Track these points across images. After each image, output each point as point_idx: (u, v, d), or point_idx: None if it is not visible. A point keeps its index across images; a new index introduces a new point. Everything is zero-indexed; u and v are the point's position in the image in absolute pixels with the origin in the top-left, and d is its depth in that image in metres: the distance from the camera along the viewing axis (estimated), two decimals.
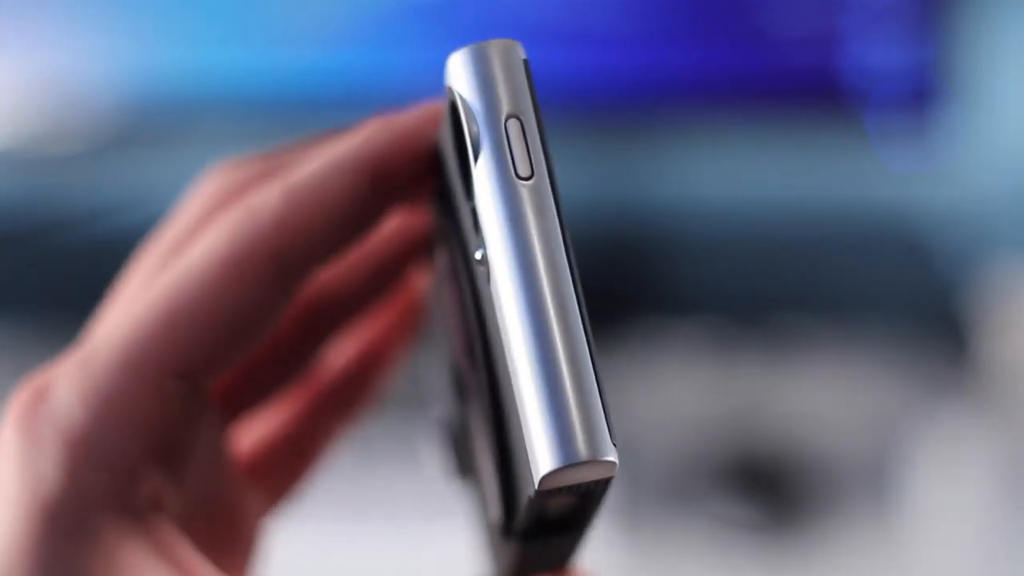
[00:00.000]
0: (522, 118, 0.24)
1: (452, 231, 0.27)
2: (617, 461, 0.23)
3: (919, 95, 0.88)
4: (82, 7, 0.89)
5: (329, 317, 0.32)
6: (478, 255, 0.24)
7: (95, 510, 0.26)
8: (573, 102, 0.88)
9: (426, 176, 0.28)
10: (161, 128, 0.90)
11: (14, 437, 0.26)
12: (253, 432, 0.33)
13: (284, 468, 0.33)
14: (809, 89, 0.89)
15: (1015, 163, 0.94)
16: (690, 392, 0.82)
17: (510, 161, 0.24)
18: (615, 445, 0.23)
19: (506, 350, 0.23)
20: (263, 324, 0.27)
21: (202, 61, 0.89)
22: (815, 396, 0.81)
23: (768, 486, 0.80)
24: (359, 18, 0.87)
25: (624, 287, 0.90)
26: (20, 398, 0.27)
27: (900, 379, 0.81)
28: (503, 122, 0.24)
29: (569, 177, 0.35)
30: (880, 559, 0.78)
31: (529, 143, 0.24)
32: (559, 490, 0.23)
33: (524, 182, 0.24)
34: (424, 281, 0.34)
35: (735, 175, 0.96)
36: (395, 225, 0.31)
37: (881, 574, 0.78)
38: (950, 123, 0.89)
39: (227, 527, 0.30)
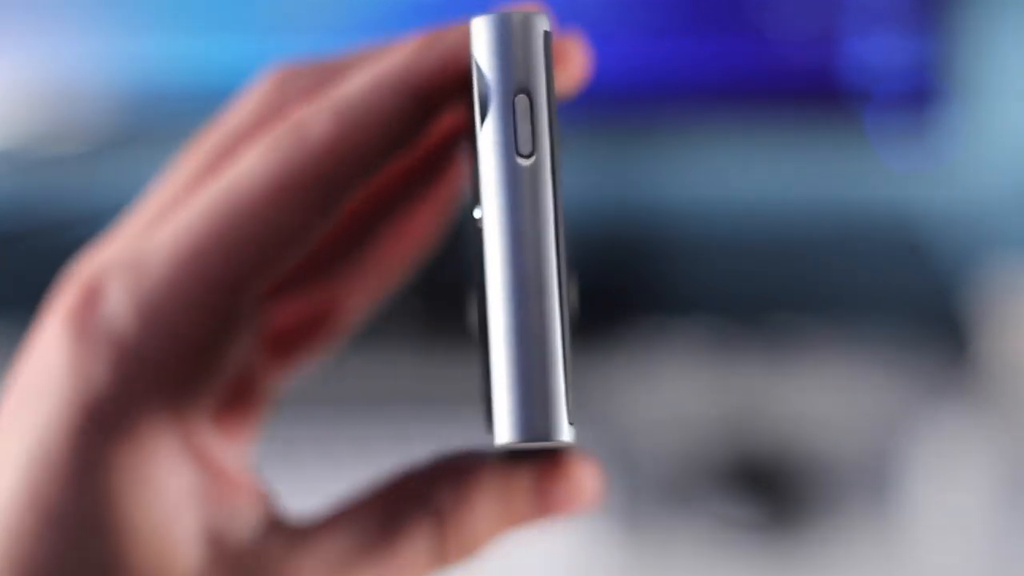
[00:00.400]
0: (532, 94, 0.24)
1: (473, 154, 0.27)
2: (572, 439, 0.24)
3: (919, 95, 0.88)
4: (82, 7, 0.89)
5: (375, 211, 0.32)
6: (476, 214, 0.25)
7: (138, 416, 0.27)
8: (572, 102, 0.88)
9: (467, 90, 0.28)
10: (161, 127, 0.90)
11: (64, 335, 0.27)
12: (285, 306, 0.34)
13: (307, 340, 0.34)
14: (809, 89, 0.89)
15: (1015, 163, 0.94)
16: (690, 392, 0.82)
17: (513, 137, 0.24)
18: (572, 424, 0.24)
19: (489, 313, 0.24)
20: (309, 239, 0.28)
21: (203, 59, 0.89)
22: (815, 396, 0.81)
23: (768, 486, 0.80)
24: (361, 11, 0.87)
25: (624, 287, 0.90)
26: (70, 296, 0.27)
27: (900, 379, 0.81)
28: (512, 96, 0.24)
29: (569, 177, 0.35)
30: (880, 559, 0.78)
31: (535, 120, 0.24)
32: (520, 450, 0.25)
33: (524, 160, 0.24)
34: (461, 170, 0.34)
35: (735, 175, 0.96)
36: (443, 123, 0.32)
37: (881, 574, 0.78)
38: (950, 123, 0.89)
39: (247, 401, 0.31)
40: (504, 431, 0.24)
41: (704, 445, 0.81)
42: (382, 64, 0.28)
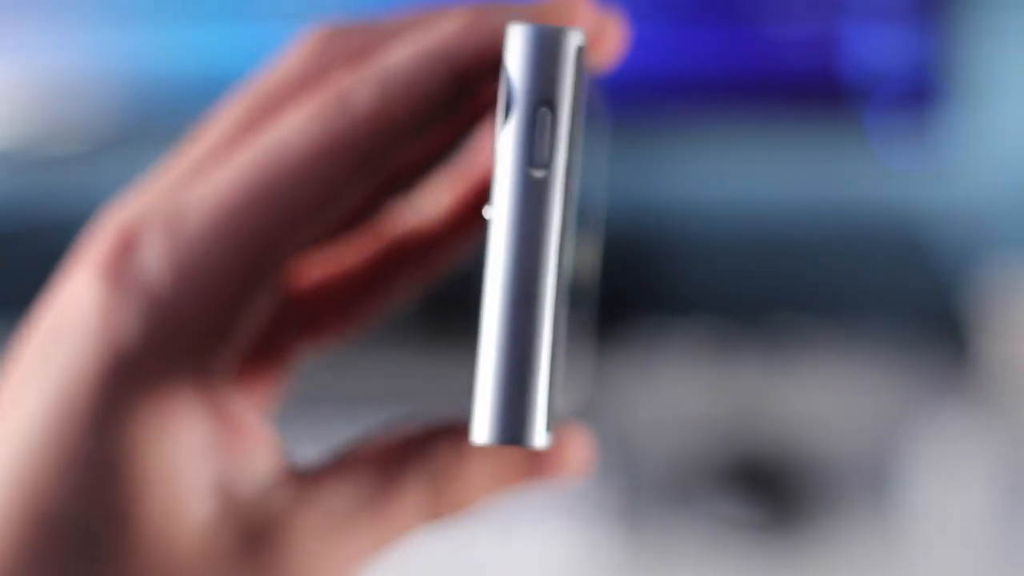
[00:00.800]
0: (555, 109, 0.25)
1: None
2: (547, 444, 0.24)
3: (919, 95, 0.88)
4: (81, 6, 0.89)
5: (403, 173, 0.32)
6: (486, 213, 0.25)
7: (163, 369, 0.27)
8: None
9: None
10: (161, 126, 0.90)
11: (98, 281, 0.27)
12: (315, 266, 0.34)
13: (337, 310, 0.34)
14: (809, 89, 0.89)
15: (1015, 163, 0.94)
16: (690, 392, 0.82)
17: (529, 148, 0.24)
18: (549, 431, 0.24)
19: (483, 312, 0.25)
20: (343, 207, 0.28)
21: (204, 58, 0.89)
22: (815, 396, 0.81)
23: (768, 486, 0.80)
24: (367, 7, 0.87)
25: (624, 287, 0.90)
26: (106, 241, 0.28)
27: (900, 379, 0.81)
28: (535, 108, 0.25)
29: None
30: (880, 559, 0.78)
31: (554, 135, 0.24)
32: None
33: (537, 171, 0.24)
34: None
35: (735, 175, 0.96)
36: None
37: (881, 574, 0.78)
38: (950, 123, 0.89)
39: (271, 360, 0.32)
40: (481, 430, 0.24)
41: (704, 445, 0.81)
42: (427, 38, 0.28)
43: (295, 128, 0.28)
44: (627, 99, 0.90)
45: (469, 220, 0.35)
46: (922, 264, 0.91)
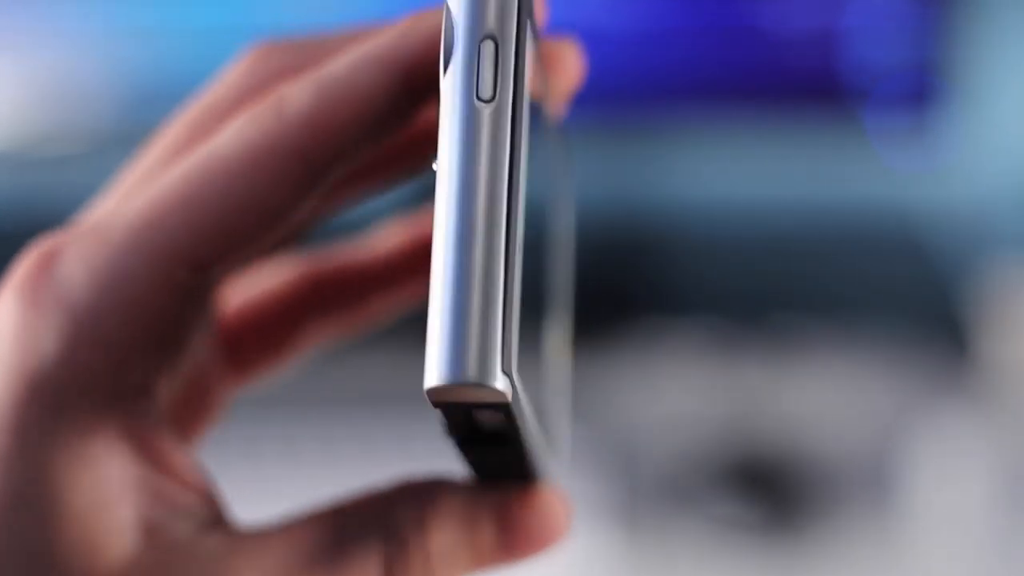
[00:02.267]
0: (499, 40, 0.23)
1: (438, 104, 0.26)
2: (507, 390, 0.22)
3: (919, 95, 0.88)
4: (81, 7, 0.89)
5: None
6: (434, 165, 0.24)
7: (82, 389, 0.26)
8: (572, 102, 0.88)
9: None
10: (161, 127, 0.90)
11: (16, 300, 0.26)
12: (242, 293, 0.32)
13: (265, 344, 0.32)
14: (809, 89, 0.89)
15: (1015, 163, 0.94)
16: (690, 392, 0.82)
17: (474, 81, 0.23)
18: (507, 374, 0.22)
19: (433, 256, 0.23)
20: (283, 220, 0.26)
21: (205, 59, 0.89)
22: (815, 396, 0.81)
23: (768, 486, 0.80)
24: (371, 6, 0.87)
25: (624, 287, 0.90)
26: (28, 261, 0.26)
27: (900, 379, 0.81)
28: (478, 42, 0.23)
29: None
30: (880, 559, 0.78)
31: (500, 66, 0.23)
32: (455, 405, 0.23)
33: (484, 104, 0.23)
34: None
35: (735, 175, 0.96)
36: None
37: (881, 574, 0.78)
38: (950, 123, 0.89)
39: (199, 401, 0.30)
40: (432, 374, 0.22)
41: (704, 445, 0.81)
42: (367, 45, 0.27)
43: (228, 135, 0.26)
44: (627, 98, 0.90)
45: (417, 267, 0.33)
46: (922, 264, 0.91)
